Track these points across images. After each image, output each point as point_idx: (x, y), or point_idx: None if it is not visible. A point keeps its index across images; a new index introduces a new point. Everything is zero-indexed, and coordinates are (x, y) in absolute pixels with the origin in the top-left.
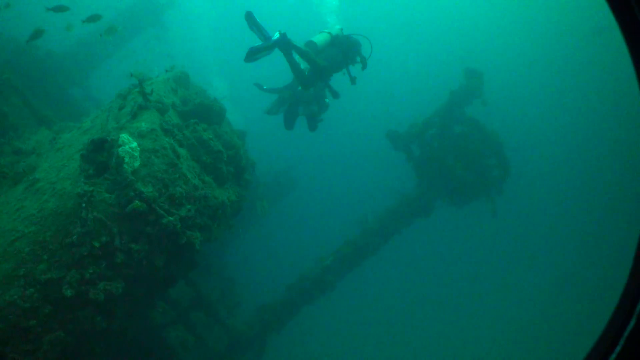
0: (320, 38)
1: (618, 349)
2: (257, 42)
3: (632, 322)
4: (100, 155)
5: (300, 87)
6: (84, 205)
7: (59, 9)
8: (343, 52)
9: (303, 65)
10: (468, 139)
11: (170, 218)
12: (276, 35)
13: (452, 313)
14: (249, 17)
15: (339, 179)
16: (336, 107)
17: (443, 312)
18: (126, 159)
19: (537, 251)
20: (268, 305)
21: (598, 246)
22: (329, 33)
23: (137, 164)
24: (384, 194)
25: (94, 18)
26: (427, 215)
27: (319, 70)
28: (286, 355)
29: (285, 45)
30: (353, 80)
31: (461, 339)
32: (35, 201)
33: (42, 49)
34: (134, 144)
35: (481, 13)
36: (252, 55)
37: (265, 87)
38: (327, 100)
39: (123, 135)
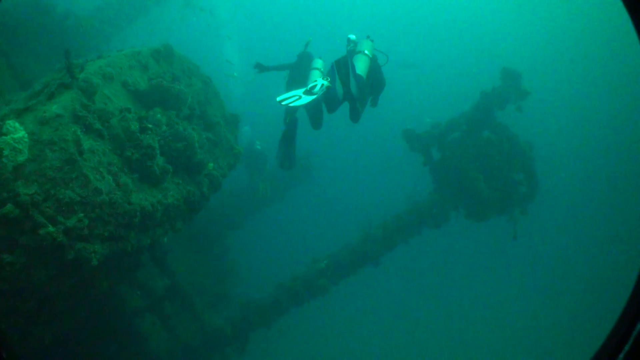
0: (362, 67)
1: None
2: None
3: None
4: None
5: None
6: None
7: None
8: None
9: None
10: (495, 147)
11: (51, 229)
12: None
13: (448, 318)
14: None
15: (349, 176)
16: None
17: (440, 317)
18: (5, 152)
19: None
20: (253, 302)
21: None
22: (367, 56)
23: (21, 158)
24: (394, 198)
25: None
26: (438, 226)
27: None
28: (276, 353)
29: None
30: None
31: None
32: None
33: (61, 8)
34: (20, 134)
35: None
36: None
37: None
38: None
39: (9, 122)
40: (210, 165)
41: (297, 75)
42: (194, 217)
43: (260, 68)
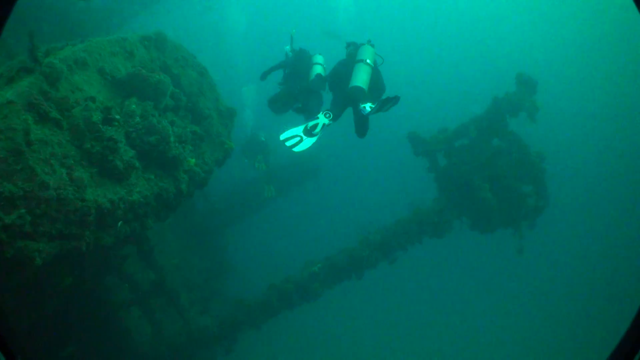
0: (364, 79)
1: None
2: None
3: None
4: None
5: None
6: None
7: None
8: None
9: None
10: (505, 157)
11: None
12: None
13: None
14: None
15: (353, 179)
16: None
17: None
18: None
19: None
20: (244, 302)
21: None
22: (369, 65)
23: None
24: (396, 203)
25: None
26: (440, 235)
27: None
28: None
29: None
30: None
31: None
32: None
33: None
34: None
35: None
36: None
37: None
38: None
39: None
40: (192, 160)
41: (297, 71)
42: (170, 214)
43: (264, 76)
